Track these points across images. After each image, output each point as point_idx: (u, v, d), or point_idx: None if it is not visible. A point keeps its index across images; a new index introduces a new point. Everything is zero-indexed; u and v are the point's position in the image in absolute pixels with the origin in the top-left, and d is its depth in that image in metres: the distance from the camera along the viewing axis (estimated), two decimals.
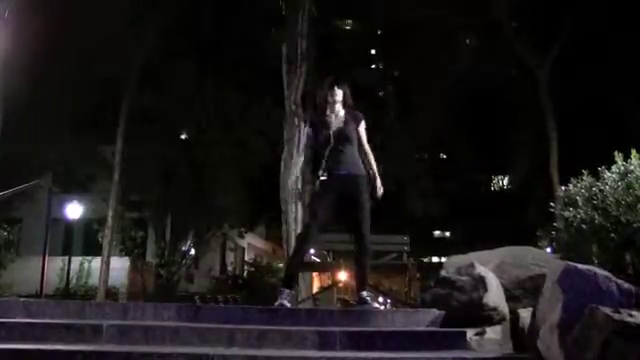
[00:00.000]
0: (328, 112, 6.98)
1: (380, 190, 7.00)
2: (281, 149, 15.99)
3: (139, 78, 22.23)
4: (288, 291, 6.61)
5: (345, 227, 7.01)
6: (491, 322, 5.63)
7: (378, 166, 7.14)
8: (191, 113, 24.54)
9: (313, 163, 6.95)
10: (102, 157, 24.52)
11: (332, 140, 6.80)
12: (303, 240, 6.94)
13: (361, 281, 6.73)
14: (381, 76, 30.03)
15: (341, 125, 6.90)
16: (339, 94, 6.99)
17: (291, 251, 13.62)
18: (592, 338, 3.89)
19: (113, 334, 4.96)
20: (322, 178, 6.73)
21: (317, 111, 7.09)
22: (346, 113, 7.01)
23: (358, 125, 7.00)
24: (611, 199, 6.54)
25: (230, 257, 32.69)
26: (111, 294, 22.04)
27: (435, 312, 5.89)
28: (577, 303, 4.22)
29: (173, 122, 24.84)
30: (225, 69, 24.44)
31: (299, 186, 15.89)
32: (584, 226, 6.68)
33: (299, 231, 13.72)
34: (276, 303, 6.44)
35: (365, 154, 7.02)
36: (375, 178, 7.00)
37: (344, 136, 6.84)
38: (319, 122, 6.99)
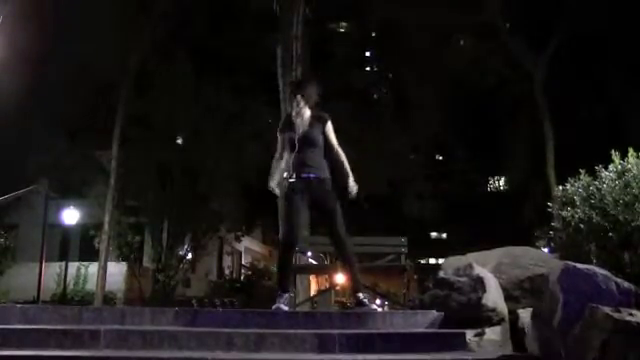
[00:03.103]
0: (294, 115, 7.00)
1: (354, 188, 6.97)
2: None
3: (134, 83, 22.20)
4: (286, 295, 6.61)
5: (325, 229, 7.03)
6: (490, 323, 5.62)
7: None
8: (187, 117, 24.50)
9: (285, 166, 6.97)
10: (98, 162, 24.48)
11: (297, 143, 6.83)
12: (286, 243, 6.93)
13: (354, 282, 6.73)
14: (376, 78, 30.01)
15: (306, 128, 6.90)
16: (299, 99, 6.97)
17: None
18: (592, 337, 3.88)
19: (111, 339, 4.93)
20: (290, 181, 6.78)
21: (285, 116, 7.12)
22: (312, 115, 6.99)
23: (324, 127, 6.96)
24: (609, 198, 6.54)
25: (227, 261, 32.66)
26: (108, 299, 21.99)
27: (434, 313, 5.88)
28: (577, 303, 4.22)
29: (169, 126, 24.79)
30: (220, 72, 24.42)
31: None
32: (582, 225, 6.68)
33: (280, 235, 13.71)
34: (273, 306, 6.44)
35: (336, 153, 6.99)
36: (348, 176, 6.98)
37: (309, 139, 6.85)
38: (285, 126, 7.03)
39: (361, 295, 6.59)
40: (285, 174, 6.91)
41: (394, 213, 27.36)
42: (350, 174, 6.98)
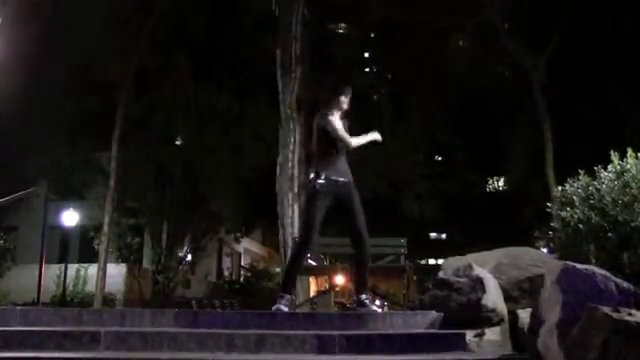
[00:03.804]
0: (340, 117, 7.01)
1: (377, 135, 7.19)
2: (276, 153, 15.96)
3: (134, 84, 22.21)
4: (287, 296, 6.62)
5: (346, 232, 7.01)
6: (490, 323, 5.62)
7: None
8: (186, 118, 24.51)
9: (313, 167, 6.94)
10: (98, 164, 24.49)
11: (337, 146, 6.87)
12: (303, 244, 6.93)
13: (362, 284, 6.75)
14: (375, 79, 30.01)
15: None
16: (347, 101, 7.06)
17: (288, 255, 13.59)
18: (592, 338, 3.88)
19: (111, 341, 4.94)
20: (319, 181, 6.72)
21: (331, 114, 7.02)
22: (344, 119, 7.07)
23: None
24: (608, 198, 6.54)
25: (227, 262, 32.67)
26: (108, 301, 21.99)
27: (434, 314, 5.88)
28: (576, 303, 4.22)
29: (168, 127, 24.81)
30: (220, 74, 24.43)
31: (295, 190, 15.86)
32: (581, 226, 6.68)
33: (296, 236, 13.69)
34: (274, 307, 6.44)
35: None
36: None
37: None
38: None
39: (363, 296, 6.61)
40: (312, 174, 6.84)
41: (394, 214, 27.35)
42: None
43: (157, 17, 21.97)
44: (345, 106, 7.04)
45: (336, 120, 6.89)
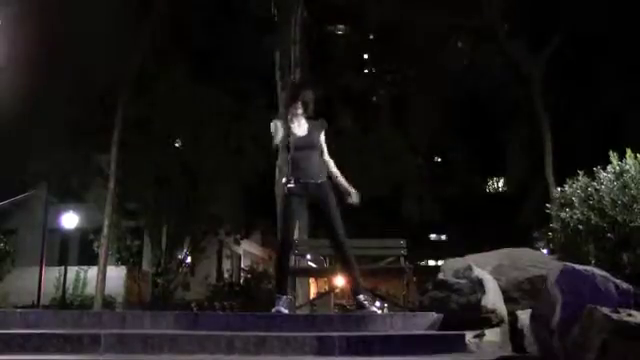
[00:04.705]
0: (292, 121, 7.07)
1: (355, 196, 7.09)
2: (276, 156, 15.96)
3: (133, 86, 22.20)
4: (285, 297, 6.63)
5: (326, 233, 7.11)
6: (490, 324, 5.63)
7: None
8: (186, 120, 24.50)
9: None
10: (97, 166, 24.46)
11: (294, 148, 6.98)
12: (282, 245, 6.99)
13: (355, 283, 6.76)
14: (374, 80, 30.02)
15: (305, 133, 7.02)
16: (299, 106, 7.07)
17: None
18: (591, 338, 3.89)
19: (111, 343, 4.93)
20: (289, 185, 6.89)
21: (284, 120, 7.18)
22: (310, 120, 7.12)
23: (321, 132, 7.11)
24: (607, 199, 6.55)
25: (226, 264, 32.59)
26: (108, 303, 21.97)
27: (433, 315, 5.89)
28: (576, 304, 4.22)
29: (167, 129, 24.80)
30: (219, 75, 24.43)
31: None
32: (581, 226, 6.69)
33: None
34: (273, 309, 6.46)
35: (325, 163, 7.13)
36: (344, 184, 7.14)
37: (307, 143, 6.98)
38: (285, 131, 7.08)
39: (361, 297, 6.61)
40: (284, 178, 7.04)
41: (393, 215, 27.34)
42: (345, 182, 7.12)
43: (156, 19, 21.97)
44: (298, 110, 7.06)
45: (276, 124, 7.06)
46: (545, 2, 21.12)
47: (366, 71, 31.73)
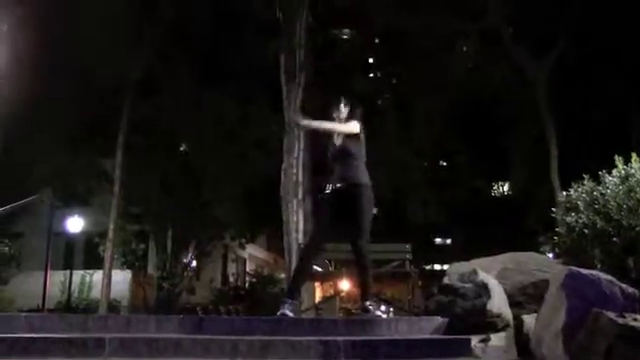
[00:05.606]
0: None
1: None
2: (281, 159, 15.97)
3: (137, 90, 22.24)
4: (291, 301, 6.61)
5: (345, 237, 7.04)
6: (495, 328, 5.62)
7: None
8: (190, 124, 24.52)
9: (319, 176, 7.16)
10: (102, 170, 24.52)
11: (332, 156, 7.01)
12: (309, 248, 7.01)
13: (365, 289, 6.73)
14: (379, 84, 29.99)
15: (341, 141, 7.01)
16: (344, 112, 7.10)
17: (293, 261, 13.60)
18: (597, 343, 3.88)
19: (116, 347, 4.93)
20: (325, 191, 6.90)
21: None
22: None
23: (355, 141, 7.05)
24: (613, 203, 6.54)
25: (232, 268, 32.61)
26: (113, 307, 22.00)
27: (439, 319, 5.88)
28: (581, 308, 4.22)
29: (172, 134, 24.83)
30: (223, 80, 24.43)
31: (300, 196, 15.87)
32: (586, 231, 6.68)
33: (303, 242, 13.70)
34: (278, 313, 6.44)
35: (365, 170, 7.06)
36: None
37: (346, 151, 6.94)
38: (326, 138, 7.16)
39: (368, 302, 6.60)
40: (324, 185, 7.03)
41: (399, 219, 27.33)
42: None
43: (160, 23, 22.01)
44: (342, 116, 7.10)
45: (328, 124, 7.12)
46: (550, 6, 21.10)
47: (371, 75, 31.73)
